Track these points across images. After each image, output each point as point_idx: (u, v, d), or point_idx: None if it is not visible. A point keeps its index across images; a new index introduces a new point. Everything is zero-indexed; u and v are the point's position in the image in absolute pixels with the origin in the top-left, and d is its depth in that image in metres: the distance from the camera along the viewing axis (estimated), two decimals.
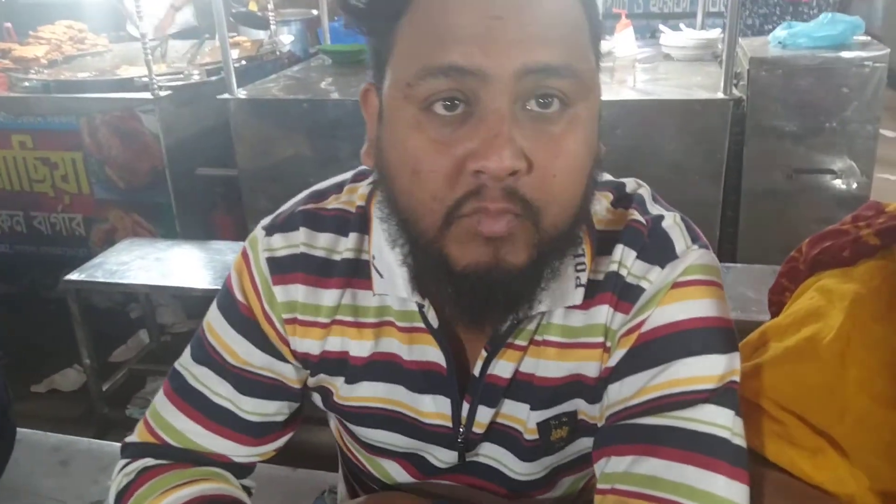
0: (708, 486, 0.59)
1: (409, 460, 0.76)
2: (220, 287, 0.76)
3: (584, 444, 0.73)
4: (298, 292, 0.70)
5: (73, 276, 2.27)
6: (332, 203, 0.73)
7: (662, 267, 0.65)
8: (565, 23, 0.55)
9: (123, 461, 0.76)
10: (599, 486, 0.64)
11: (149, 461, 0.74)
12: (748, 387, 0.66)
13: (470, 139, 0.54)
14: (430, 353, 0.69)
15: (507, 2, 0.53)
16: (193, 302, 2.83)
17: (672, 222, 0.67)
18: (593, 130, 0.59)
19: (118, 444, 0.79)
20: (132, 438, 0.77)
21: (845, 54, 2.26)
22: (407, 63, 0.56)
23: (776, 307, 0.83)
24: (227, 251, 2.40)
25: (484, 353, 0.68)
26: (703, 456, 0.59)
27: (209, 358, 0.74)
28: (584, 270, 0.66)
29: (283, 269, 0.71)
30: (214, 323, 0.74)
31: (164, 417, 0.75)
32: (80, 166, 2.84)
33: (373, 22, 0.60)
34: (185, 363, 0.76)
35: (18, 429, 1.16)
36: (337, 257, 0.71)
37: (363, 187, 0.72)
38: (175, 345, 2.78)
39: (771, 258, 2.04)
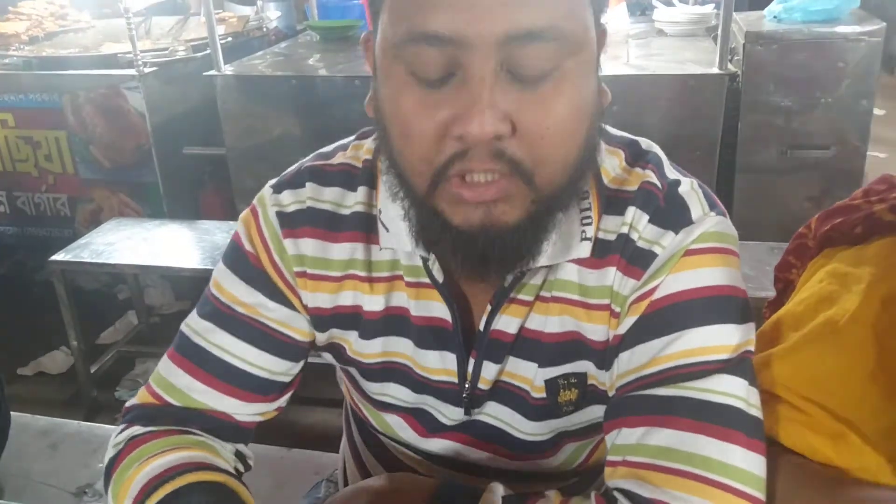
0: (724, 456, 0.58)
1: (415, 416, 0.76)
2: (209, 267, 0.76)
3: (595, 412, 0.72)
4: (308, 246, 0.71)
5: (59, 256, 2.24)
6: (338, 159, 0.73)
7: (676, 232, 0.64)
8: None
9: (118, 428, 0.75)
10: (610, 457, 0.64)
11: (136, 430, 0.73)
12: (765, 377, 0.65)
13: (453, 103, 0.54)
14: (436, 308, 0.69)
15: None
16: (182, 282, 2.81)
17: (689, 188, 0.66)
18: (588, 83, 0.58)
19: (108, 427, 0.77)
20: (133, 401, 0.76)
21: (840, 28, 2.24)
22: (394, 23, 0.56)
23: (783, 284, 0.81)
24: (216, 231, 2.37)
25: (488, 308, 0.68)
26: (718, 427, 0.59)
27: (215, 311, 0.73)
28: (590, 224, 0.65)
29: (293, 223, 0.71)
30: (221, 278, 0.74)
31: (165, 377, 0.74)
32: (63, 145, 2.79)
33: None
34: (190, 321, 0.75)
35: None
36: (346, 211, 0.71)
37: (369, 142, 0.73)
38: (164, 326, 2.76)
39: (766, 235, 2.04)
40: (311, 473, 1.10)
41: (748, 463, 0.58)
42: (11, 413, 1.16)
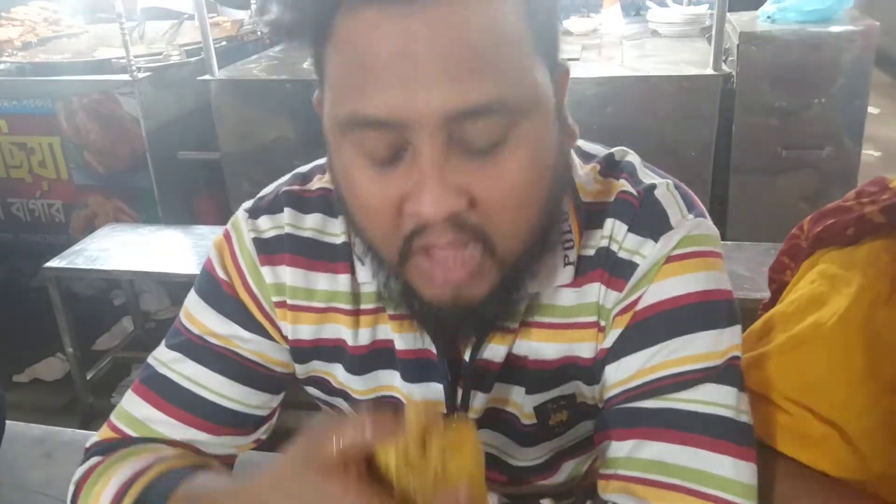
0: (714, 468, 0.58)
1: None
2: None
3: (586, 427, 0.72)
4: (286, 274, 0.68)
5: (54, 263, 2.23)
6: (316, 183, 0.71)
7: (656, 240, 0.62)
8: (495, 43, 0.50)
9: (78, 468, 0.71)
10: (602, 471, 0.63)
11: (93, 460, 0.70)
12: (753, 377, 0.65)
13: (406, 181, 0.52)
14: (421, 339, 0.68)
15: (422, 35, 0.48)
16: (178, 288, 2.80)
17: (665, 191, 0.65)
18: (547, 137, 0.55)
19: None
20: (93, 439, 0.73)
21: (834, 28, 2.25)
22: (337, 101, 0.53)
23: (777, 285, 0.81)
24: (211, 236, 2.35)
25: (473, 338, 0.66)
26: (707, 437, 0.58)
27: (185, 342, 0.70)
28: (571, 248, 0.64)
29: (271, 249, 0.68)
30: (193, 308, 0.71)
31: (127, 410, 0.71)
32: (57, 151, 2.78)
33: (299, 42, 0.56)
34: (157, 353, 0.72)
35: None
36: (331, 240, 0.69)
37: None
38: (160, 332, 2.72)
39: (761, 235, 2.04)
40: None
41: (739, 473, 0.58)
42: (6, 421, 1.16)
